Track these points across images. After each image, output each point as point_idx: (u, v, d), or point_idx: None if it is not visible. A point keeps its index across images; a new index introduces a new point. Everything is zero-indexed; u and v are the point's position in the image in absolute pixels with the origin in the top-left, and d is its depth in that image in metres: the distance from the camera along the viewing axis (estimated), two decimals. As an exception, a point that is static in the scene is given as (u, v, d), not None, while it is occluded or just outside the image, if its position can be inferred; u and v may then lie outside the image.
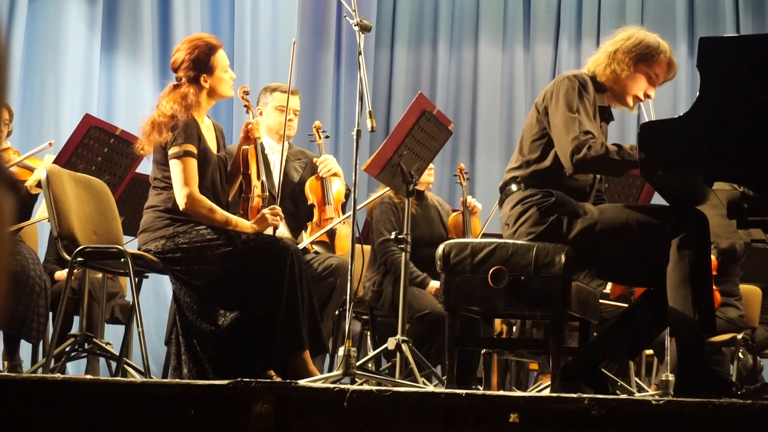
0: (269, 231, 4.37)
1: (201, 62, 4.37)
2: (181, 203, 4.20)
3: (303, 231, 5.27)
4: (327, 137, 5.63)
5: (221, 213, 4.27)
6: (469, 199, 6.19)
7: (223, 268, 4.13)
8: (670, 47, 3.95)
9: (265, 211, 4.34)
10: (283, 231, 5.11)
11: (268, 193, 4.58)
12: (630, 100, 3.89)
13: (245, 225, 4.30)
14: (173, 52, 4.50)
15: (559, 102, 3.74)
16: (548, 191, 3.73)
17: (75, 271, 4.59)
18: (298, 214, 5.27)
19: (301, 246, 4.90)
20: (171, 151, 4.23)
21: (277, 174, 5.13)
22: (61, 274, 6.05)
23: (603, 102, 3.88)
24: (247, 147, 4.50)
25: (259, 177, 4.50)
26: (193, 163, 4.24)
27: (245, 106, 4.73)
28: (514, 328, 6.17)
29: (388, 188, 5.32)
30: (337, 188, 5.28)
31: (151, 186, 4.38)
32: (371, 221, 5.88)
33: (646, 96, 3.90)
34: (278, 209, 4.40)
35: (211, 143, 4.43)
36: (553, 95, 3.78)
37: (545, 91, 3.86)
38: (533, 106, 3.89)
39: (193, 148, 4.24)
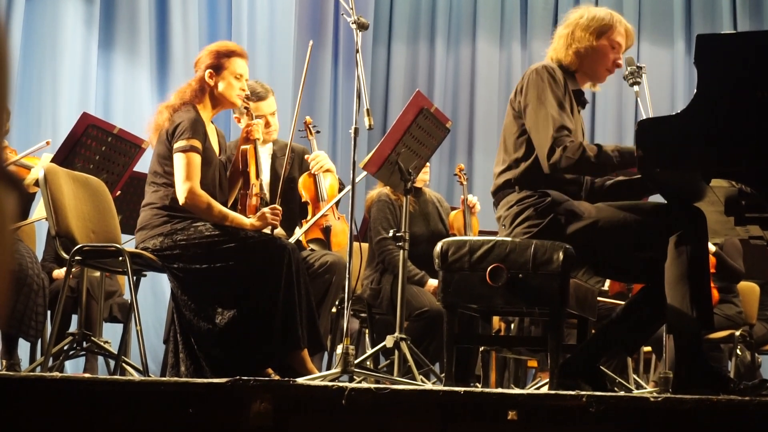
0: (267, 230, 4.38)
1: (214, 60, 4.46)
2: (182, 197, 4.22)
3: (298, 227, 5.27)
4: (318, 132, 5.62)
5: (219, 208, 4.29)
6: (470, 197, 6.19)
7: (221, 266, 4.14)
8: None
9: (266, 210, 4.36)
10: (279, 229, 5.11)
11: (267, 193, 4.59)
12: (602, 75, 3.92)
13: (243, 221, 4.32)
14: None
15: (530, 97, 3.73)
16: (544, 192, 3.72)
17: (73, 269, 4.59)
18: (289, 211, 5.26)
19: (293, 239, 4.90)
20: (177, 145, 4.26)
21: (267, 175, 5.15)
22: (59, 272, 6.05)
23: (576, 86, 3.88)
24: (246, 147, 4.53)
25: (258, 176, 4.53)
26: (197, 159, 4.27)
27: (245, 108, 4.73)
28: (512, 326, 6.17)
29: (363, 175, 5.31)
30: (329, 183, 5.27)
31: (148, 183, 4.39)
32: (369, 219, 5.88)
33: (616, 65, 3.92)
34: (279, 209, 4.41)
35: (215, 146, 4.46)
36: (523, 91, 3.78)
37: (517, 86, 3.85)
38: (509, 104, 3.88)
39: (198, 144, 4.28)
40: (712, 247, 6.35)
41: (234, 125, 8.31)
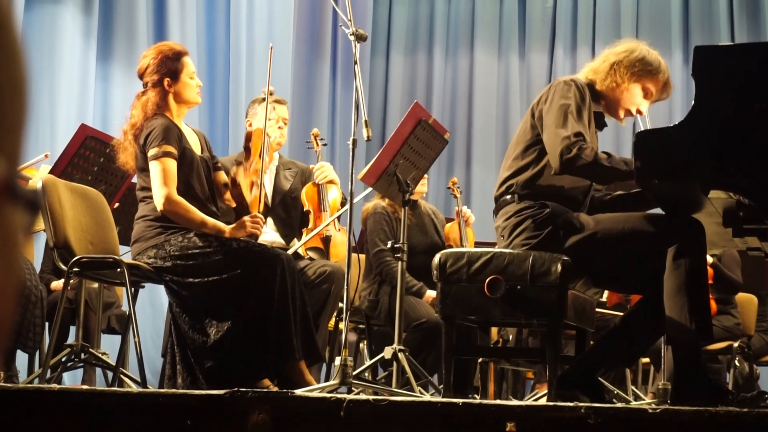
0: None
1: (165, 66, 4.37)
2: (159, 204, 4.19)
3: (296, 238, 5.27)
4: (325, 145, 5.64)
5: (198, 214, 4.23)
6: (464, 209, 6.20)
7: (215, 279, 4.11)
8: (665, 55, 3.97)
9: (246, 218, 4.32)
10: (275, 237, 5.11)
11: (269, 197, 4.58)
12: (621, 113, 3.91)
13: (223, 228, 4.28)
14: (140, 59, 4.51)
15: (554, 103, 3.73)
16: (543, 203, 3.73)
17: (71, 281, 4.58)
18: (290, 220, 5.27)
19: (291, 250, 4.90)
20: (150, 153, 4.22)
21: (268, 182, 5.15)
22: (57, 284, 6.04)
23: (598, 109, 3.89)
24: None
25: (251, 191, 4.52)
26: (172, 164, 4.23)
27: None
28: (511, 337, 6.17)
29: (366, 192, 5.32)
30: (333, 196, 5.28)
31: (139, 198, 4.38)
32: (365, 231, 5.88)
33: (638, 112, 3.91)
34: (259, 217, 4.36)
35: (195, 147, 4.43)
36: (548, 98, 3.78)
37: (540, 95, 3.86)
38: (528, 111, 3.88)
39: (172, 149, 4.23)
40: (710, 259, 6.35)
41: (232, 129, 8.33)
